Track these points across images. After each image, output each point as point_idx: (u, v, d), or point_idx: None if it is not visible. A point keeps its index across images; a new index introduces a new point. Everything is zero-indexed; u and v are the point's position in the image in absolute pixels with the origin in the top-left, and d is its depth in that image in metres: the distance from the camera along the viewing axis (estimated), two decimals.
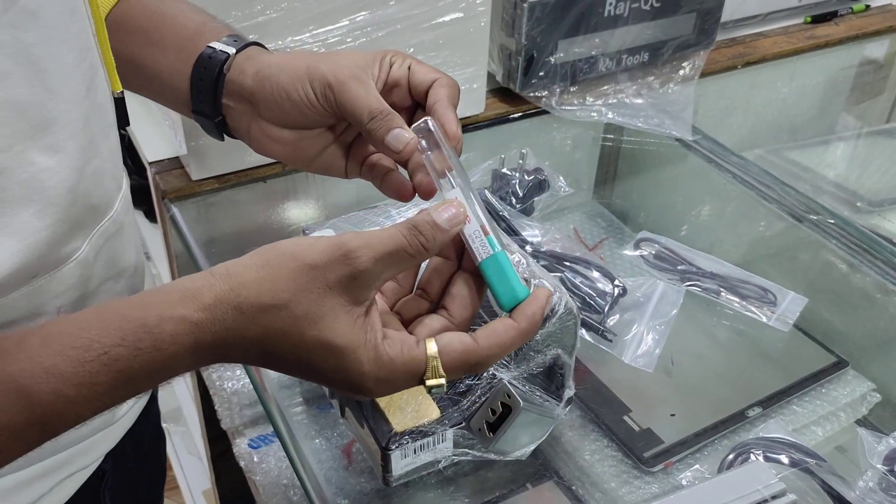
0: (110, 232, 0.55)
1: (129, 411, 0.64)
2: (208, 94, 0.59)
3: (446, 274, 0.52)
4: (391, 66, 0.57)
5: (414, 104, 0.58)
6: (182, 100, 0.61)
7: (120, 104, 0.58)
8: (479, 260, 0.50)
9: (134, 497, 0.73)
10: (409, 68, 0.57)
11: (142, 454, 0.73)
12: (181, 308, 0.43)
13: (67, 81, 0.48)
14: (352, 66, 0.55)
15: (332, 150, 0.60)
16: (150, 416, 0.73)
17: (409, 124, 0.54)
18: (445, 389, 0.47)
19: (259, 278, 0.44)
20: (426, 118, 0.53)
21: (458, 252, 0.52)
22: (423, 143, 0.53)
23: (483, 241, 0.49)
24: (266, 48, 0.61)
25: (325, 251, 0.45)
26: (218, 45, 0.59)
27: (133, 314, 0.42)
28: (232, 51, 0.58)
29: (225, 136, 0.62)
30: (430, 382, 0.47)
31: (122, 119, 0.58)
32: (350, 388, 0.47)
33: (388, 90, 0.57)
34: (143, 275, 0.64)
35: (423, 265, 0.53)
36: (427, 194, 0.54)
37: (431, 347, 0.47)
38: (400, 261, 0.46)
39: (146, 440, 0.73)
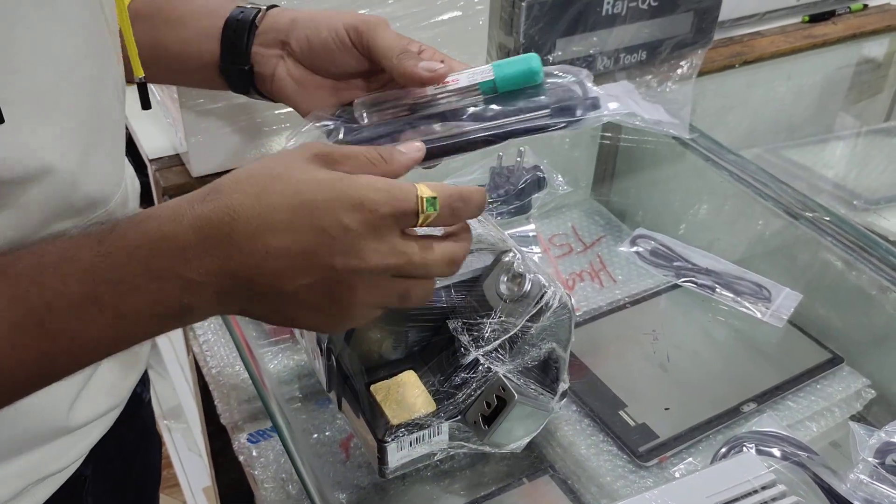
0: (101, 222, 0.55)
1: (94, 420, 0.62)
2: (239, 46, 0.65)
3: None
4: None
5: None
6: (209, 63, 0.67)
7: (142, 88, 0.61)
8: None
9: (122, 500, 0.73)
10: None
11: (128, 457, 0.72)
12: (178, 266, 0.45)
13: (73, 70, 0.48)
14: (377, 17, 0.64)
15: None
16: (136, 419, 0.73)
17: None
18: (437, 209, 0.49)
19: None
20: None
21: None
22: None
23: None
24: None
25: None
26: (248, 5, 0.66)
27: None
28: (263, 7, 0.66)
29: (250, 89, 0.67)
30: (425, 195, 0.48)
31: (144, 102, 0.62)
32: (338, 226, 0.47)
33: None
34: None
35: None
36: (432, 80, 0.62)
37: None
38: (366, 162, 0.51)
39: (131, 443, 0.72)
